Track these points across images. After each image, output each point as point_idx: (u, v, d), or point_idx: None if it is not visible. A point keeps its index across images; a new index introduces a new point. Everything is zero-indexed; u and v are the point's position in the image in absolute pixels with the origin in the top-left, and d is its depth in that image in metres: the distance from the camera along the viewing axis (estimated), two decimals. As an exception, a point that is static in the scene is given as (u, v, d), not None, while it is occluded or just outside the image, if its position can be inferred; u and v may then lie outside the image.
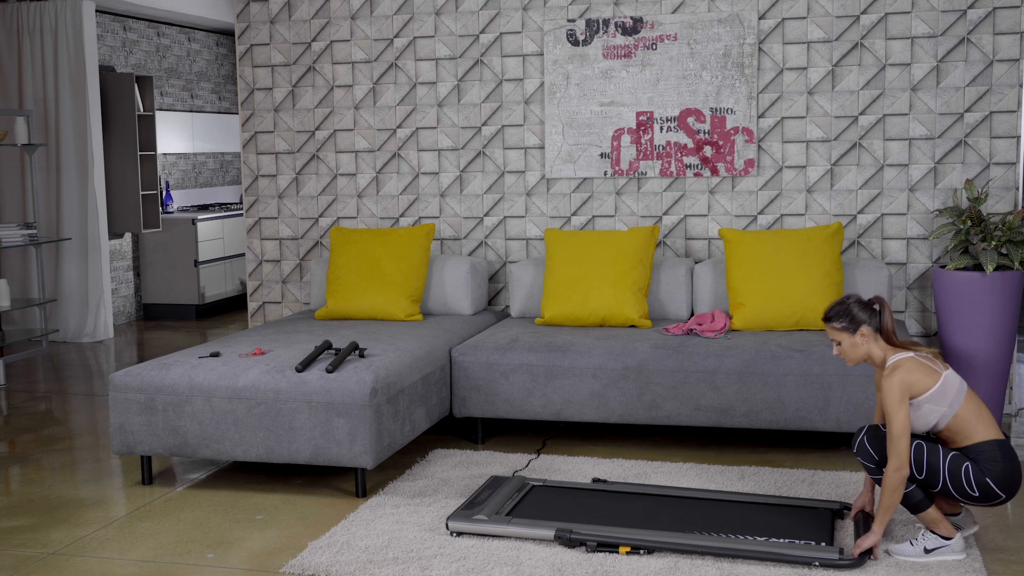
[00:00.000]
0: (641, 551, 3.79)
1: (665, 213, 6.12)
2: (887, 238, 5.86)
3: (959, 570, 3.63)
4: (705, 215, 6.07)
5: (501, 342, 5.28)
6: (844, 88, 5.83)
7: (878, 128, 5.81)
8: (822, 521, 4.01)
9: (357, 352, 4.83)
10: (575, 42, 6.11)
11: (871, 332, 3.73)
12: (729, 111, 5.95)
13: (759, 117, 5.95)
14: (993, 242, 5.28)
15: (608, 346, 5.13)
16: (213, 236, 9.91)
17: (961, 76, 5.68)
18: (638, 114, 6.07)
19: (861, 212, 5.87)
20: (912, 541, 3.74)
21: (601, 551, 3.82)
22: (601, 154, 6.14)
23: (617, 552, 3.80)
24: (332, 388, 4.46)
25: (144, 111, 9.40)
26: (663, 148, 6.06)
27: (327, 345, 4.84)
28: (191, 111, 10.69)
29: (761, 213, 6.00)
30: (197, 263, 9.69)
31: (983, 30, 5.63)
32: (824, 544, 3.76)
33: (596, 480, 4.51)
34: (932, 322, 5.86)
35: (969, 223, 5.40)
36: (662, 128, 6.05)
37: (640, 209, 6.15)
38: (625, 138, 6.10)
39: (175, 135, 10.38)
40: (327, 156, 6.62)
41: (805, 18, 5.84)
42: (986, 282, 5.28)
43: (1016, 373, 6.33)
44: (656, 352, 5.06)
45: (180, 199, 10.47)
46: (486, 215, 6.38)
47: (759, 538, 3.82)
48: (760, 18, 5.90)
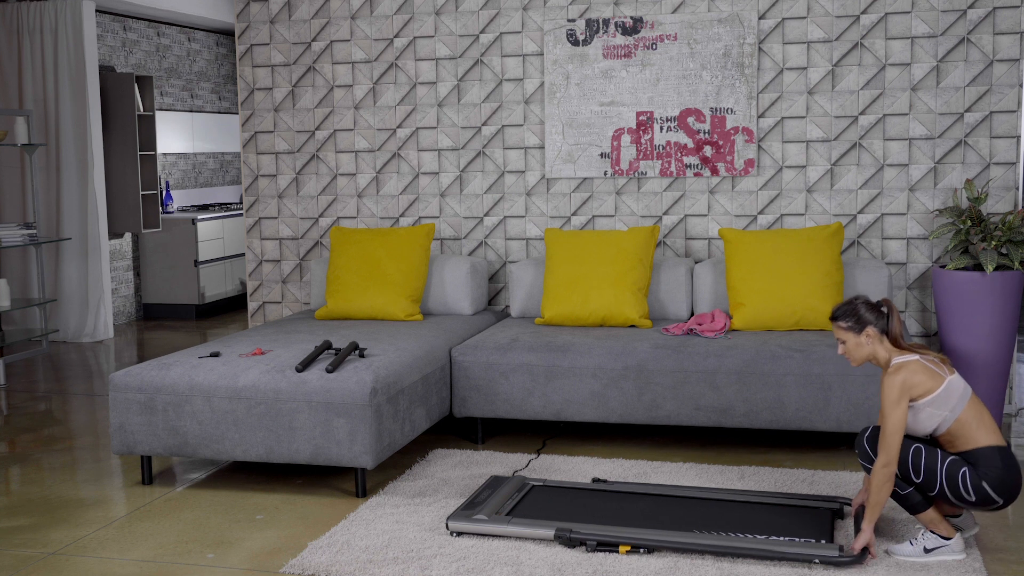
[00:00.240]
0: (641, 550, 3.79)
1: (665, 213, 6.12)
2: (887, 238, 5.86)
3: (959, 570, 3.63)
4: (705, 215, 6.06)
5: (501, 342, 5.28)
6: (844, 88, 5.82)
7: (878, 128, 5.81)
8: (822, 520, 4.01)
9: (357, 352, 4.83)
10: (575, 42, 6.11)
11: (876, 334, 3.73)
12: (729, 111, 5.94)
13: (759, 117, 5.95)
14: (993, 242, 5.28)
15: (608, 346, 5.13)
16: (213, 236, 9.90)
17: (961, 76, 5.68)
18: (638, 114, 6.07)
19: (861, 212, 5.87)
20: (912, 541, 3.74)
21: (601, 550, 3.82)
22: (601, 154, 6.14)
23: (617, 551, 3.81)
24: (332, 388, 4.46)
25: (144, 111, 9.40)
26: (663, 148, 6.06)
27: (327, 345, 4.84)
28: (191, 111, 10.69)
29: (761, 213, 6.00)
30: (197, 263, 9.69)
31: (983, 30, 5.63)
32: (824, 542, 3.77)
33: (596, 480, 4.51)
34: (932, 322, 5.86)
35: (969, 223, 5.40)
36: (662, 128, 6.04)
37: (640, 209, 6.15)
38: (625, 138, 6.10)
39: (175, 135, 10.38)
40: (327, 156, 6.62)
41: (805, 18, 5.84)
42: (986, 282, 5.28)
43: (1016, 373, 6.33)
44: (656, 352, 5.06)
45: (180, 199, 10.47)
46: (486, 215, 6.38)
47: (759, 536, 3.83)
48: (760, 18, 5.90)
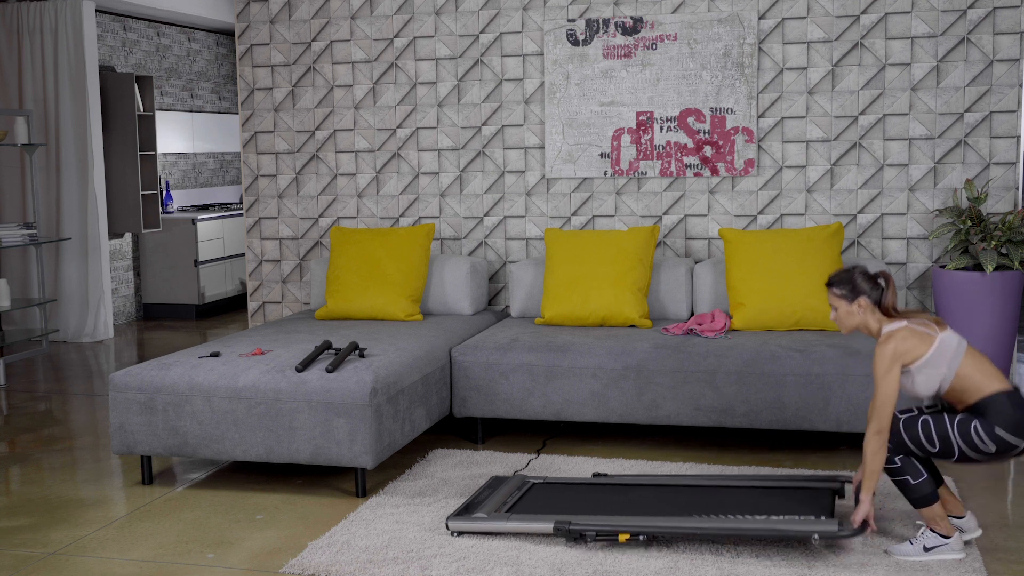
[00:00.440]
0: (641, 537, 3.78)
1: (665, 213, 6.12)
2: (887, 238, 5.86)
3: (959, 570, 3.63)
4: (705, 215, 6.06)
5: (501, 342, 5.28)
6: (844, 88, 5.82)
7: (878, 128, 5.81)
8: (822, 499, 4.00)
9: (357, 352, 4.83)
10: (575, 42, 6.11)
11: (869, 304, 3.76)
12: (729, 111, 5.95)
13: (759, 117, 5.95)
14: (993, 242, 5.28)
15: (608, 346, 5.13)
16: (213, 236, 9.91)
17: (961, 76, 5.68)
18: (638, 114, 6.07)
19: (861, 212, 5.87)
20: (912, 540, 3.75)
21: (601, 539, 3.81)
22: (601, 154, 6.14)
23: (617, 540, 3.79)
24: (332, 388, 4.46)
25: (144, 111, 9.40)
26: (663, 148, 6.06)
27: (327, 345, 4.84)
28: (191, 111, 10.69)
29: (761, 213, 6.00)
30: (197, 263, 9.69)
31: (983, 30, 5.63)
32: (824, 518, 3.76)
33: (597, 475, 4.50)
34: (932, 322, 5.86)
35: (969, 223, 5.40)
36: (662, 128, 6.05)
37: (640, 209, 6.15)
38: (625, 138, 6.10)
39: (175, 135, 10.38)
40: (327, 156, 6.62)
41: (805, 18, 5.84)
42: (986, 282, 5.28)
43: (1016, 373, 6.33)
44: (656, 352, 5.06)
45: (180, 199, 10.47)
46: (486, 215, 6.38)
47: (759, 517, 3.82)
48: (760, 18, 5.90)
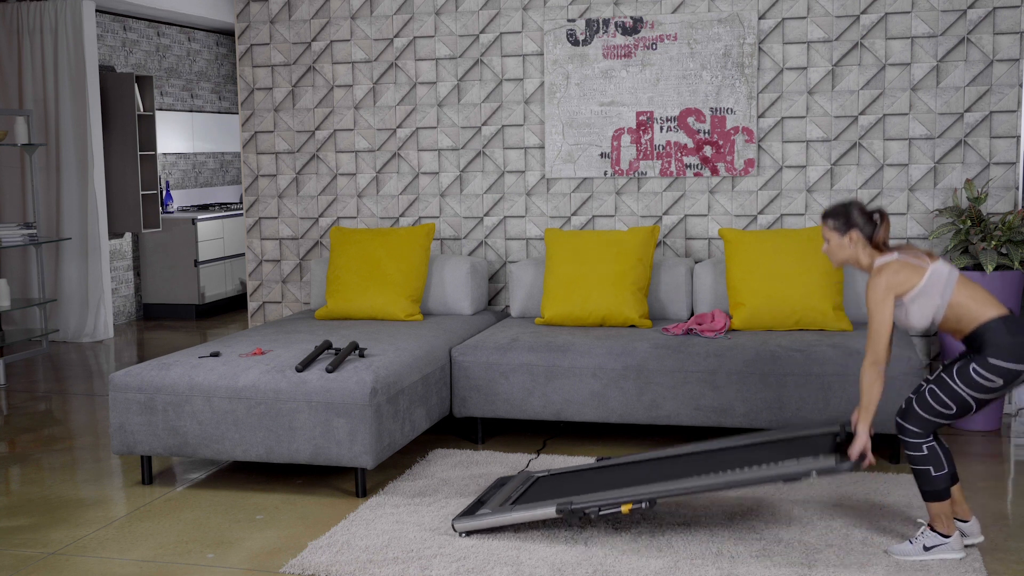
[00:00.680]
0: (644, 504, 3.77)
1: (665, 213, 6.12)
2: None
3: (959, 569, 3.63)
4: (705, 215, 6.07)
5: (501, 342, 5.28)
6: (844, 88, 5.83)
7: (878, 128, 5.81)
8: (823, 444, 3.95)
9: (357, 352, 4.83)
10: (575, 42, 6.11)
11: (860, 238, 3.77)
12: (729, 111, 5.95)
13: (759, 117, 5.95)
14: (993, 242, 5.28)
15: (608, 346, 5.13)
16: (213, 236, 9.91)
17: (961, 76, 5.68)
18: (638, 114, 6.07)
19: (861, 212, 5.87)
20: (911, 539, 3.75)
21: (606, 512, 3.80)
22: (601, 154, 6.14)
23: (621, 513, 3.77)
24: (332, 388, 4.46)
25: (144, 111, 9.40)
26: (663, 148, 6.06)
27: (327, 345, 4.84)
28: (191, 111, 10.69)
29: (761, 213, 6.00)
30: (197, 263, 9.69)
31: (983, 30, 5.63)
32: (821, 456, 3.73)
33: (600, 459, 4.49)
34: (932, 322, 5.86)
35: (969, 223, 5.40)
36: (662, 128, 6.05)
37: (640, 209, 6.15)
38: (625, 138, 6.10)
39: (175, 135, 10.38)
40: (327, 156, 6.62)
41: (805, 18, 5.84)
42: (986, 282, 5.28)
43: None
44: (656, 352, 5.06)
45: (180, 199, 10.47)
46: (486, 215, 6.38)
47: (759, 467, 3.81)
48: (760, 18, 5.90)
